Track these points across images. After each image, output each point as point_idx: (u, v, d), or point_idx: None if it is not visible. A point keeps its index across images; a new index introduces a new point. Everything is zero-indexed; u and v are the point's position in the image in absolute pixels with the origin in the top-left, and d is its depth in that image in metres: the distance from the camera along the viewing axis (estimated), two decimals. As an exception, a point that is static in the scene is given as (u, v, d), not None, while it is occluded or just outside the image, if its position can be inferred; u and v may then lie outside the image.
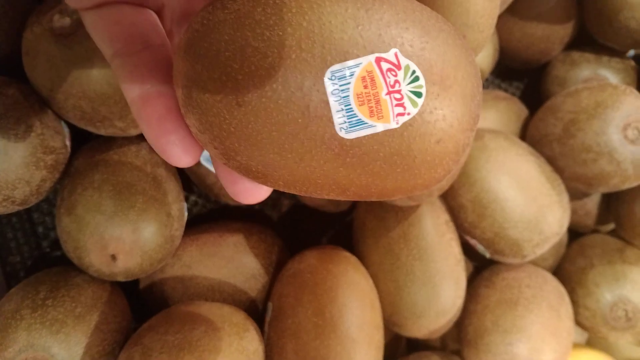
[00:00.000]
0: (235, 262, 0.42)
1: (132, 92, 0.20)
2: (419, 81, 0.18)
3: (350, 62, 0.17)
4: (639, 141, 0.43)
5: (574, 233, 0.54)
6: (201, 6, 0.19)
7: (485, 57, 0.51)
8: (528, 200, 0.43)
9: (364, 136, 0.18)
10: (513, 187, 0.43)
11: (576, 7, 0.53)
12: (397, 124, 0.17)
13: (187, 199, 0.49)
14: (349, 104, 0.17)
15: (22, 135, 0.33)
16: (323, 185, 0.19)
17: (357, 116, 0.17)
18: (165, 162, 0.39)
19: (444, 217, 0.44)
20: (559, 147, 0.46)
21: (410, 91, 0.18)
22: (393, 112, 0.17)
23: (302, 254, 0.41)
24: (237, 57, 0.17)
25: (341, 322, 0.36)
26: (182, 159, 0.20)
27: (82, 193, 0.36)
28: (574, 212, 0.52)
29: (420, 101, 0.18)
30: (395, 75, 0.17)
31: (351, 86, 0.17)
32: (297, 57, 0.17)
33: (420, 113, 0.18)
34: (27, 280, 0.37)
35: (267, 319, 0.40)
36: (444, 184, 0.40)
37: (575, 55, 0.53)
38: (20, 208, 0.36)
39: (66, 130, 0.38)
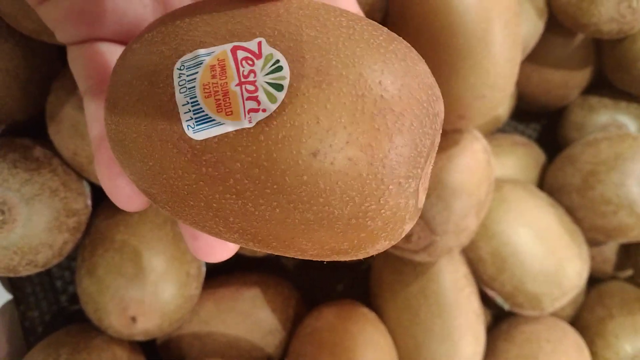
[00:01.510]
0: (252, 317, 0.42)
1: (94, 130, 0.20)
2: (282, 71, 0.14)
3: (202, 51, 0.15)
4: (660, 195, 0.42)
5: (592, 279, 0.53)
6: None
7: (502, 104, 0.51)
8: (547, 253, 0.43)
9: (215, 137, 0.14)
10: (532, 240, 0.43)
11: (594, 53, 0.53)
12: (250, 122, 0.14)
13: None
14: (195, 96, 0.14)
15: (46, 200, 0.34)
16: (199, 210, 0.15)
17: (203, 111, 0.14)
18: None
19: (462, 270, 0.43)
20: (578, 198, 0.45)
21: (268, 82, 0.14)
22: (244, 107, 0.14)
23: (320, 310, 0.41)
24: None
25: (361, 384, 0.36)
26: (129, 203, 0.19)
27: (103, 255, 0.36)
28: (592, 259, 0.52)
29: (280, 95, 0.14)
30: (252, 65, 0.14)
31: (198, 76, 0.14)
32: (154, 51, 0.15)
33: (281, 111, 0.14)
34: (48, 341, 0.37)
35: (285, 376, 0.39)
36: (464, 240, 0.40)
37: (593, 100, 0.53)
38: (42, 269, 0.36)
39: (88, 190, 0.38)
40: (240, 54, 0.14)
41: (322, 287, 0.51)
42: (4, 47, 0.34)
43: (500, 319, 0.50)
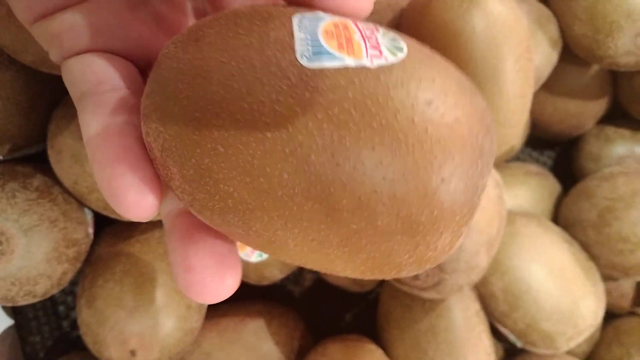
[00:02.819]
0: (256, 350, 0.40)
1: (90, 129, 0.17)
2: (400, 44, 0.15)
3: (321, 13, 0.15)
4: (680, 233, 0.41)
5: (609, 314, 0.51)
6: None
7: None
8: (562, 291, 0.41)
9: (330, 68, 0.14)
10: (546, 277, 0.41)
11: (610, 83, 0.51)
12: (372, 63, 0.14)
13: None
14: (316, 35, 0.14)
15: (45, 231, 0.33)
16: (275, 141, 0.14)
17: (323, 46, 0.14)
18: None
19: (474, 307, 0.42)
20: (594, 235, 0.44)
21: (389, 46, 0.14)
22: (367, 52, 0.14)
23: (325, 346, 0.40)
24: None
25: None
26: (137, 208, 0.15)
27: (103, 285, 0.35)
28: (608, 294, 0.50)
29: (401, 55, 0.14)
30: (373, 32, 0.15)
31: (321, 23, 0.15)
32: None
33: (402, 64, 0.14)
34: (46, 372, 0.36)
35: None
36: (474, 278, 0.38)
37: (610, 130, 0.52)
38: (41, 299, 0.35)
39: (89, 217, 0.37)
40: (361, 25, 0.15)
41: (329, 317, 0.50)
42: (5, 75, 0.34)
43: (512, 354, 0.48)
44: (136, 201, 0.15)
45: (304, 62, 0.14)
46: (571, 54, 0.47)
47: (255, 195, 0.14)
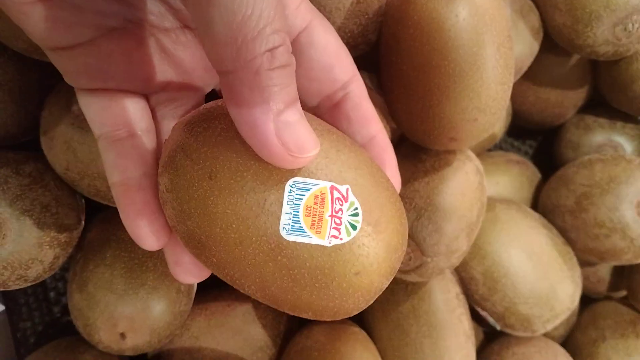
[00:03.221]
0: (243, 333, 0.42)
1: (113, 177, 0.23)
2: (358, 217, 0.20)
3: (311, 180, 0.20)
4: (653, 218, 0.42)
5: (586, 299, 0.53)
6: (181, 96, 0.25)
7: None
8: (539, 275, 0.43)
9: (300, 243, 0.20)
10: (524, 261, 0.43)
11: (590, 72, 0.53)
12: (329, 243, 0.20)
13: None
14: (298, 212, 0.20)
15: (38, 216, 0.34)
16: (249, 275, 0.21)
17: (300, 223, 0.20)
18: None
19: (454, 290, 0.43)
20: (571, 220, 0.45)
21: (349, 222, 0.20)
22: (329, 232, 0.20)
23: (310, 329, 0.41)
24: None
25: (348, 404, 0.36)
26: (153, 246, 0.23)
27: (94, 270, 0.36)
28: (586, 279, 0.52)
29: (353, 233, 0.20)
30: (342, 205, 0.20)
31: (304, 198, 0.20)
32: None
33: (350, 243, 0.20)
34: (36, 356, 0.37)
35: (274, 393, 0.40)
36: (455, 261, 0.40)
37: (589, 120, 0.53)
38: (33, 284, 0.36)
39: (81, 203, 0.38)
40: (336, 194, 0.20)
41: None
42: (-2, 62, 0.34)
43: (492, 337, 0.50)
44: (151, 243, 0.23)
45: (283, 234, 0.20)
46: (552, 43, 0.48)
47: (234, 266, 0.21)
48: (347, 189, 0.21)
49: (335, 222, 0.20)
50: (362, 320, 0.45)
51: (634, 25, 0.42)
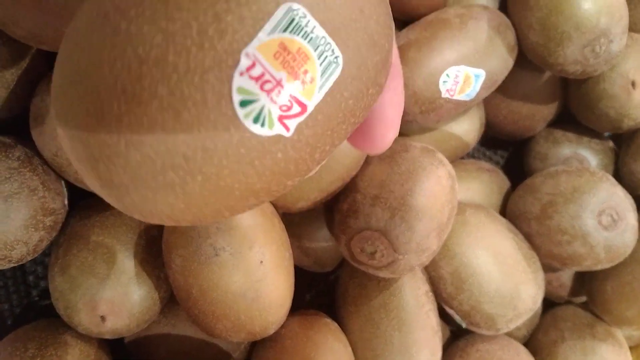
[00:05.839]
0: (219, 322, 0.43)
1: None
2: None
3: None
4: (612, 227, 0.45)
5: (549, 302, 0.56)
6: None
7: (472, 131, 0.53)
8: (504, 276, 0.45)
9: None
10: (491, 262, 0.45)
11: (561, 88, 0.56)
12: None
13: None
14: None
15: (25, 198, 0.35)
16: None
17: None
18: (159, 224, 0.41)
19: (424, 288, 0.45)
20: (536, 226, 0.48)
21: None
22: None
23: (285, 320, 0.43)
24: None
25: (318, 391, 0.38)
26: None
27: (77, 254, 0.37)
28: (548, 283, 0.55)
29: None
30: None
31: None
32: None
33: None
34: (15, 335, 0.38)
35: (247, 381, 0.41)
36: (425, 260, 0.42)
37: (558, 133, 0.56)
38: (16, 265, 0.37)
39: (65, 190, 0.39)
40: None
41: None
42: (-9, 49, 0.35)
43: (458, 335, 0.52)
44: None
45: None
46: (526, 60, 0.50)
47: None
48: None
49: None
50: (334, 313, 0.47)
51: (601, 48, 0.45)
